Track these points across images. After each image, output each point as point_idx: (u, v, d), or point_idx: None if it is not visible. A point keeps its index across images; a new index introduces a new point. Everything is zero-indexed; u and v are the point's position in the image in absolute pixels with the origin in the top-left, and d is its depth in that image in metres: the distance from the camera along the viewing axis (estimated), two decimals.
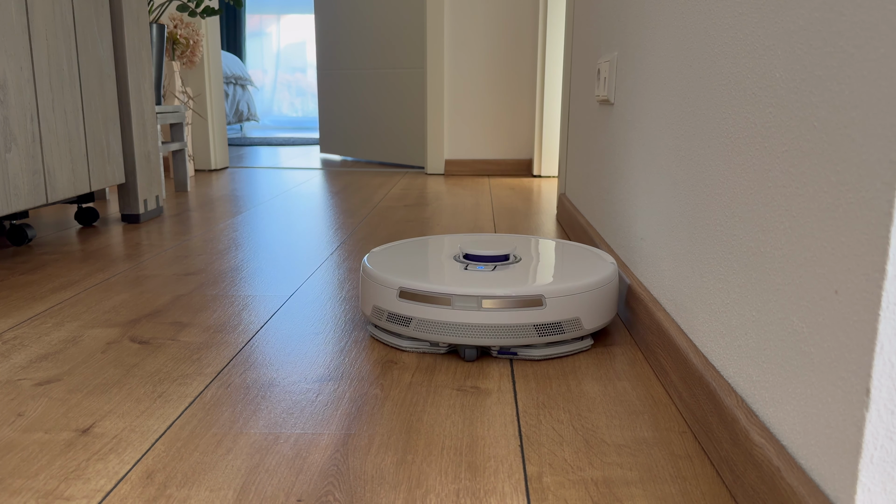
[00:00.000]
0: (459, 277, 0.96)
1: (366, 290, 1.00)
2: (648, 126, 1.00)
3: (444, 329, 0.91)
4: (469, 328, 0.90)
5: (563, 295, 0.92)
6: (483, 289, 0.91)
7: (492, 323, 0.90)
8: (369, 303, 0.99)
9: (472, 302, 0.90)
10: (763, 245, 0.60)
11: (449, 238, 1.21)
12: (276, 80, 8.08)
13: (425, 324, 0.92)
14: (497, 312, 0.90)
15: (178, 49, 2.77)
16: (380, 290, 0.97)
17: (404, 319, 0.93)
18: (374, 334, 1.00)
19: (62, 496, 0.60)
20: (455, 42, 3.14)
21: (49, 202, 1.54)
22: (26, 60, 1.44)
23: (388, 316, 0.95)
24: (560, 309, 0.92)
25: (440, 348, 0.94)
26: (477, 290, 0.91)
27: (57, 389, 0.82)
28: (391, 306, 0.95)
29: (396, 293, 0.94)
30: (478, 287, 0.91)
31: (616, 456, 0.68)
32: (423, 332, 0.92)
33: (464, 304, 0.90)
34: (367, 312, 1.00)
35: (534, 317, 0.91)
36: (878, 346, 0.42)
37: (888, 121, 0.41)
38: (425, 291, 0.92)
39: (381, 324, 0.98)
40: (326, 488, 0.62)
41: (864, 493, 0.44)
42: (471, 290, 0.91)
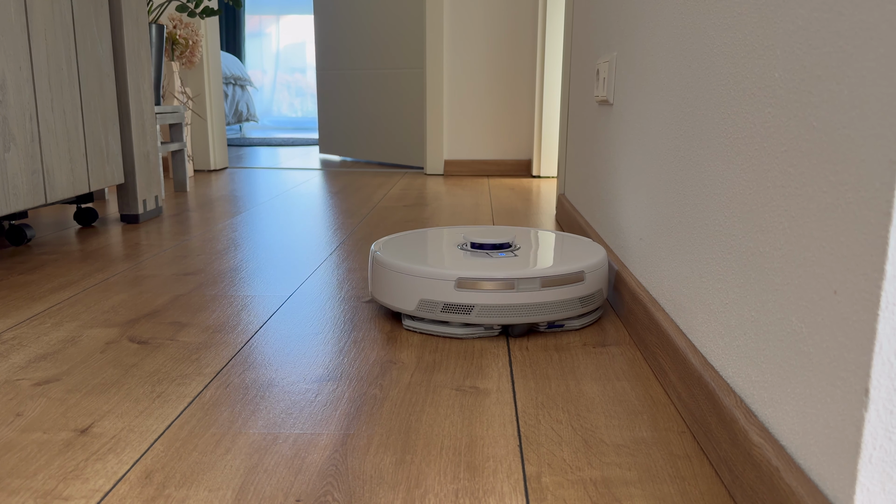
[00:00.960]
0: (505, 263, 1.03)
1: (402, 286, 1.01)
2: (647, 126, 1.00)
3: (507, 312, 0.98)
4: (530, 308, 0.98)
5: (595, 270, 1.05)
6: (540, 271, 0.99)
7: (548, 300, 0.99)
8: (412, 298, 1.01)
9: (534, 283, 0.98)
10: (762, 245, 0.60)
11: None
12: (275, 80, 8.08)
13: (488, 309, 0.98)
14: (551, 290, 1.00)
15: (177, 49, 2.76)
16: (428, 284, 0.99)
17: (465, 308, 0.98)
18: (416, 327, 1.02)
19: (61, 496, 0.60)
20: (454, 42, 3.14)
21: (48, 202, 1.54)
22: (25, 60, 1.44)
23: (444, 307, 0.99)
24: (593, 282, 1.05)
25: (493, 331, 1.00)
26: (536, 272, 0.99)
27: (56, 389, 0.82)
28: (447, 297, 0.98)
29: (454, 284, 0.98)
30: (535, 269, 1.00)
31: (615, 456, 0.67)
32: (486, 317, 0.98)
33: (527, 287, 0.98)
34: (410, 308, 1.01)
35: (578, 291, 1.02)
36: (877, 345, 0.42)
37: (887, 121, 0.41)
38: (489, 278, 0.98)
39: (432, 315, 1.00)
40: (325, 488, 0.62)
41: (862, 493, 0.44)
42: (531, 272, 0.99)
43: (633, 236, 1.09)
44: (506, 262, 1.03)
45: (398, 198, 2.45)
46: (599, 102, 1.40)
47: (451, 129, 3.22)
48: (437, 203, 2.32)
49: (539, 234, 1.24)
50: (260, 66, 8.02)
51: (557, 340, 0.99)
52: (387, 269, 1.04)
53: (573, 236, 1.23)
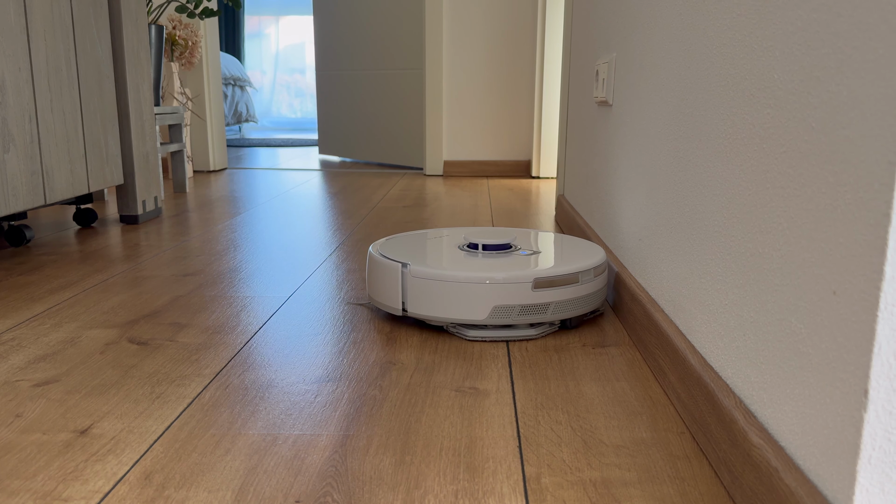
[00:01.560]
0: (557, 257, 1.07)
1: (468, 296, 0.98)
2: (647, 127, 1.00)
3: (575, 304, 1.02)
4: (589, 297, 1.04)
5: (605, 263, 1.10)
6: (586, 262, 1.05)
7: (598, 289, 1.06)
8: (485, 306, 0.98)
9: (589, 274, 1.03)
10: (761, 246, 0.60)
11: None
12: (274, 81, 8.08)
13: (561, 305, 1.01)
14: (597, 280, 1.05)
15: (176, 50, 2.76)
16: (502, 289, 0.98)
17: (542, 307, 0.99)
18: (478, 336, 0.99)
19: (60, 497, 0.60)
20: (454, 43, 3.14)
21: (47, 203, 1.54)
22: (25, 61, 1.44)
23: (522, 309, 0.98)
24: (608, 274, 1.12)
25: (555, 326, 1.03)
26: (588, 263, 1.04)
27: (55, 390, 0.82)
28: (524, 299, 0.98)
29: (531, 285, 0.98)
30: (586, 260, 1.05)
31: (614, 457, 0.68)
32: (559, 313, 1.01)
33: (586, 278, 1.03)
34: (482, 317, 0.98)
35: (605, 280, 1.09)
36: (876, 346, 0.42)
37: (886, 122, 0.41)
38: (561, 275, 1.00)
39: (509, 321, 0.99)
40: (325, 489, 0.62)
41: (862, 493, 0.44)
42: (587, 263, 1.04)
43: (632, 237, 1.09)
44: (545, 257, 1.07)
45: (397, 198, 2.45)
46: (599, 103, 1.40)
47: (450, 129, 3.22)
48: (437, 204, 2.32)
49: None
50: (259, 67, 8.02)
51: (557, 341, 0.99)
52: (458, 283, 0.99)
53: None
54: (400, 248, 1.13)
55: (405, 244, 1.16)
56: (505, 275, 0.98)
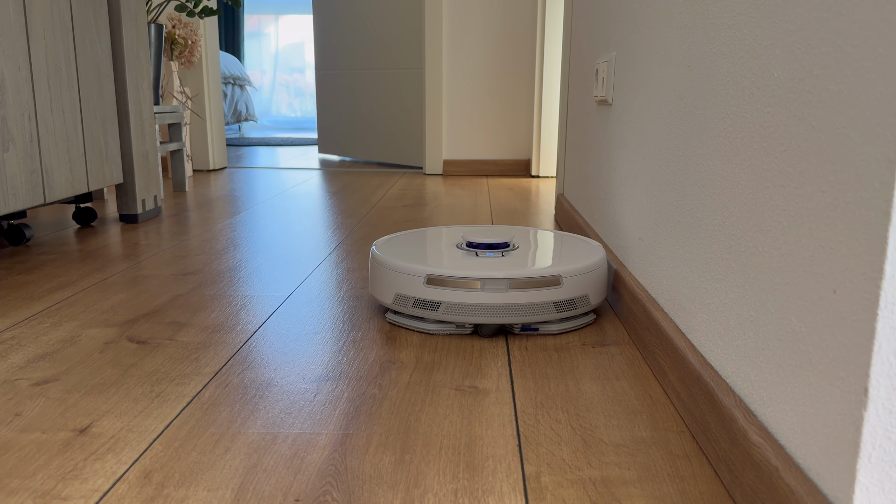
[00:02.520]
0: (479, 263, 1.02)
1: (384, 280, 1.03)
2: (647, 126, 1.00)
3: (473, 311, 0.97)
4: (497, 308, 0.97)
5: (577, 274, 1.01)
6: (510, 271, 0.97)
7: (518, 303, 0.97)
8: (390, 291, 1.02)
9: (500, 284, 0.97)
10: (761, 244, 0.60)
11: (447, 229, 1.28)
12: (274, 80, 8.07)
13: (454, 307, 0.97)
14: (522, 293, 0.97)
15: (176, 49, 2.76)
16: (403, 279, 1.00)
17: (432, 304, 0.98)
18: (396, 321, 1.04)
19: (59, 496, 0.60)
20: (453, 42, 3.14)
21: (47, 202, 1.54)
22: (24, 60, 1.44)
23: (415, 302, 1.00)
24: (574, 287, 1.00)
25: (465, 329, 1.00)
26: (505, 273, 0.97)
27: (54, 389, 0.82)
28: (417, 293, 0.99)
29: (423, 280, 0.98)
30: (504, 270, 0.98)
31: (614, 455, 0.67)
32: (452, 315, 0.98)
33: (493, 287, 0.97)
34: (388, 301, 1.03)
35: (553, 295, 0.99)
36: (876, 345, 0.42)
37: (886, 120, 0.41)
38: (455, 277, 0.97)
39: (405, 310, 1.01)
40: (324, 488, 0.62)
41: (862, 492, 0.44)
42: (498, 273, 0.97)
43: (632, 236, 1.09)
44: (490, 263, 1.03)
45: (397, 198, 2.44)
46: (599, 102, 1.40)
47: (450, 128, 3.22)
48: (436, 203, 2.32)
49: (541, 234, 1.25)
50: (259, 66, 8.01)
51: (556, 340, 0.99)
52: (377, 262, 1.06)
53: (573, 237, 1.23)
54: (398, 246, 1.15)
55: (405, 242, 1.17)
56: (406, 265, 1.01)
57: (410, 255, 1.06)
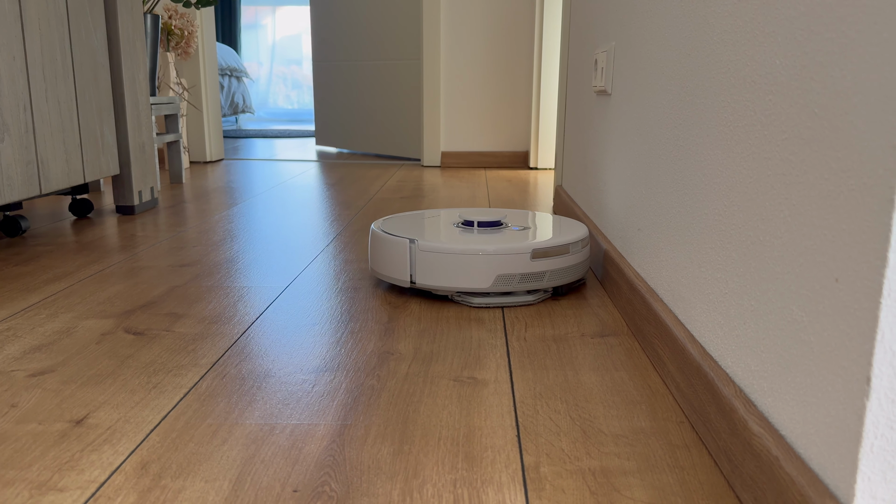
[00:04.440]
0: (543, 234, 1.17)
1: (471, 267, 1.09)
2: (646, 116, 1.00)
3: (567, 273, 1.13)
4: (578, 266, 1.16)
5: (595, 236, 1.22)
6: (575, 234, 1.16)
7: (584, 259, 1.17)
8: (488, 275, 1.09)
9: (578, 245, 1.14)
10: (762, 234, 0.59)
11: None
12: (271, 72, 8.04)
13: (556, 273, 1.12)
14: (585, 250, 1.17)
15: (172, 40, 2.75)
16: (502, 260, 1.09)
17: (539, 275, 1.10)
18: (487, 303, 1.10)
19: (56, 487, 0.60)
20: (452, 33, 3.12)
21: (43, 193, 1.53)
22: (19, 50, 1.43)
23: (521, 277, 1.09)
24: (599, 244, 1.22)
25: (548, 293, 1.14)
26: (577, 235, 1.16)
27: (51, 380, 0.81)
28: (524, 268, 1.09)
29: (529, 256, 1.09)
30: (574, 233, 1.17)
31: (613, 446, 0.67)
32: (553, 281, 1.12)
33: (575, 249, 1.14)
34: (485, 286, 1.09)
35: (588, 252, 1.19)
36: (878, 334, 0.42)
37: (890, 106, 0.41)
38: (557, 245, 1.12)
39: (509, 288, 1.09)
40: (322, 479, 0.61)
41: (864, 482, 0.44)
42: (575, 235, 1.15)
43: (631, 226, 1.08)
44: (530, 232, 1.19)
45: (395, 189, 2.44)
46: (598, 93, 1.39)
47: (448, 120, 3.21)
48: (435, 195, 2.31)
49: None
50: (256, 58, 7.98)
51: (555, 331, 0.99)
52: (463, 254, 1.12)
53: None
54: (402, 225, 1.24)
55: (406, 222, 1.26)
56: (507, 246, 1.09)
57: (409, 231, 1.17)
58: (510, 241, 1.11)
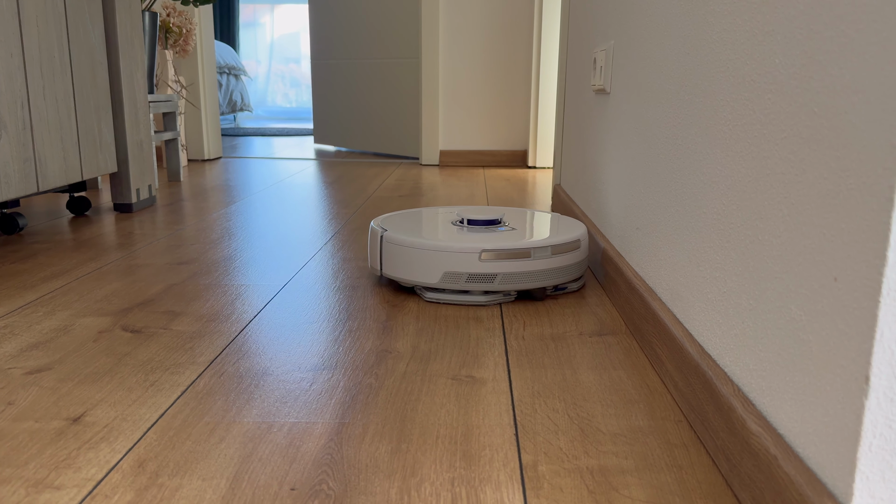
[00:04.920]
0: (518, 235, 1.14)
1: (423, 262, 1.11)
2: (645, 115, 1.00)
3: (525, 278, 1.09)
4: (544, 273, 1.10)
5: (585, 239, 1.17)
6: (549, 239, 1.11)
7: (557, 266, 1.12)
8: (435, 271, 1.10)
9: (546, 252, 1.10)
10: (761, 233, 0.59)
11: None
12: (269, 70, 8.03)
13: (509, 277, 1.09)
14: (558, 257, 1.11)
15: (170, 38, 2.74)
16: (451, 257, 1.09)
17: (489, 277, 1.08)
18: (437, 299, 1.11)
19: (52, 485, 0.60)
20: (450, 32, 3.12)
21: (40, 191, 1.53)
22: (16, 47, 1.42)
23: (469, 277, 1.09)
24: (585, 250, 1.18)
25: (510, 296, 1.12)
26: (548, 241, 1.11)
27: (48, 378, 0.81)
28: (472, 268, 1.08)
29: (478, 255, 1.08)
30: (546, 238, 1.12)
31: (611, 445, 0.67)
32: (507, 284, 1.09)
33: (540, 255, 1.09)
34: (433, 281, 1.10)
35: (575, 257, 1.15)
36: (878, 333, 0.42)
37: (890, 105, 0.41)
38: (510, 248, 1.08)
39: (457, 286, 1.10)
40: (320, 477, 0.61)
41: (862, 481, 0.44)
42: (543, 241, 1.10)
43: (629, 226, 1.08)
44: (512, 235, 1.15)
45: (393, 188, 2.44)
46: (596, 91, 1.39)
47: (446, 119, 3.21)
48: (433, 193, 2.31)
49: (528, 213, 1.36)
50: (254, 56, 7.97)
51: (554, 330, 0.99)
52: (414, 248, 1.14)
53: (559, 217, 1.33)
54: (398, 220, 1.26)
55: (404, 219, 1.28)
56: (456, 245, 1.09)
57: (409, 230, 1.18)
58: (464, 240, 1.10)
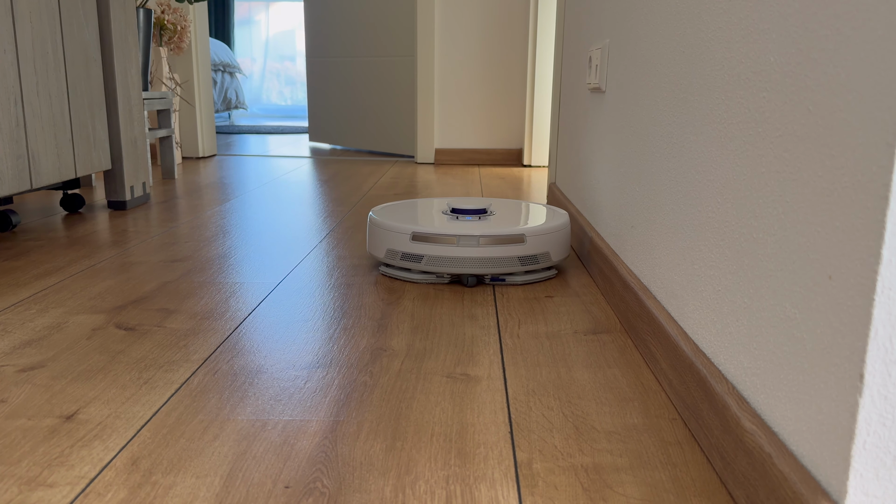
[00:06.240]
0: (457, 224, 1.20)
1: (378, 237, 1.21)
2: (640, 113, 1.00)
3: (450, 263, 1.15)
4: (470, 261, 1.15)
5: (539, 234, 1.19)
6: (480, 230, 1.16)
7: (487, 256, 1.15)
8: (382, 247, 1.20)
9: (472, 241, 1.15)
10: (756, 231, 0.59)
11: (437, 200, 1.48)
12: (264, 68, 8.02)
13: (434, 259, 1.15)
14: (490, 248, 1.15)
15: (165, 35, 2.73)
16: (393, 236, 1.18)
17: (416, 257, 1.16)
18: (386, 272, 1.23)
19: (45, 483, 0.59)
20: (446, 30, 3.12)
21: (34, 188, 1.52)
22: (10, 43, 1.41)
23: (402, 255, 1.17)
24: (536, 244, 1.19)
25: (443, 279, 1.18)
26: (476, 231, 1.16)
27: (41, 376, 0.81)
28: (404, 248, 1.17)
29: (409, 237, 1.16)
30: (475, 229, 1.16)
31: (606, 442, 0.67)
32: (433, 266, 1.16)
33: (466, 242, 1.14)
34: (381, 255, 1.21)
35: (517, 251, 1.17)
36: (872, 330, 0.42)
37: (885, 103, 0.41)
38: (435, 233, 1.15)
39: (394, 262, 1.20)
40: (314, 475, 0.61)
41: (856, 479, 0.44)
42: (471, 231, 1.16)
43: (624, 224, 1.08)
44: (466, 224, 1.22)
45: (388, 186, 2.43)
46: (592, 90, 1.39)
47: (441, 117, 3.20)
48: (428, 192, 2.31)
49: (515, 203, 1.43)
50: (249, 54, 7.95)
51: (549, 328, 0.99)
52: (373, 224, 1.24)
53: (547, 207, 1.39)
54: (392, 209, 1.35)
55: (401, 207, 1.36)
56: (395, 224, 1.19)
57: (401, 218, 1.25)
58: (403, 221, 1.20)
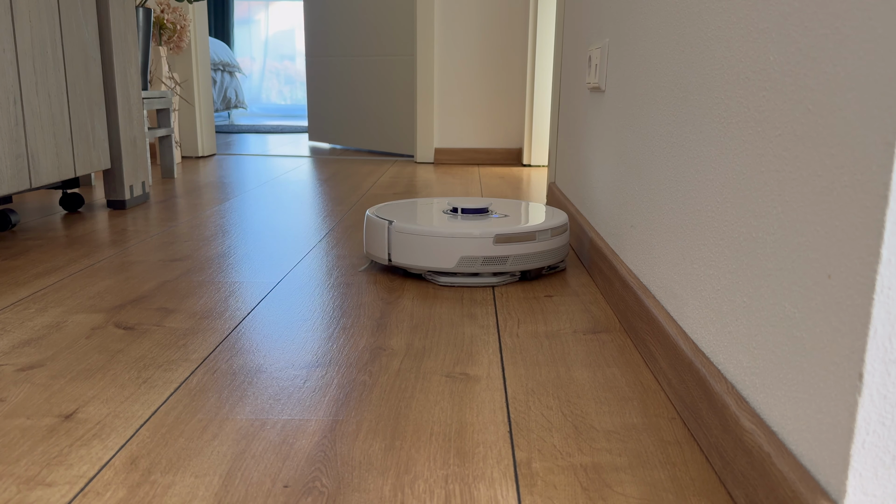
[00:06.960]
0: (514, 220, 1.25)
1: (440, 248, 1.19)
2: (640, 113, 1.00)
3: (532, 258, 1.20)
4: (546, 253, 1.22)
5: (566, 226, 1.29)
6: (546, 223, 1.23)
7: (554, 247, 1.23)
8: (452, 256, 1.18)
9: (546, 234, 1.21)
10: (755, 230, 0.59)
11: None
12: (264, 67, 8.01)
13: (519, 258, 1.19)
14: (554, 239, 1.23)
15: (164, 34, 2.73)
16: (467, 243, 1.17)
17: (502, 259, 1.18)
18: (447, 282, 1.20)
19: (44, 482, 0.59)
20: (446, 29, 3.12)
21: (33, 187, 1.52)
22: (9, 42, 1.41)
23: (484, 260, 1.17)
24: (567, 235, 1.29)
25: (515, 276, 1.22)
26: (546, 224, 1.22)
27: (40, 375, 0.81)
28: (487, 252, 1.18)
29: (492, 240, 1.17)
30: (544, 221, 1.23)
31: (605, 442, 0.67)
32: (517, 265, 1.19)
33: (542, 237, 1.21)
34: (450, 266, 1.18)
35: (564, 239, 1.27)
36: (871, 330, 0.42)
37: (884, 102, 0.41)
38: (519, 232, 1.19)
39: (473, 269, 1.18)
40: (314, 474, 0.61)
41: (855, 478, 0.44)
42: (543, 224, 1.22)
43: (624, 223, 1.08)
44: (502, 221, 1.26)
45: (388, 185, 2.43)
46: (591, 89, 1.39)
47: (441, 116, 3.20)
48: (428, 191, 2.31)
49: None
50: (249, 53, 7.95)
51: (548, 327, 0.99)
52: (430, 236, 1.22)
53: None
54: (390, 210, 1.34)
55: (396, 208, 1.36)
56: (471, 231, 1.17)
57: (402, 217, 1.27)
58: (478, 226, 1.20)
